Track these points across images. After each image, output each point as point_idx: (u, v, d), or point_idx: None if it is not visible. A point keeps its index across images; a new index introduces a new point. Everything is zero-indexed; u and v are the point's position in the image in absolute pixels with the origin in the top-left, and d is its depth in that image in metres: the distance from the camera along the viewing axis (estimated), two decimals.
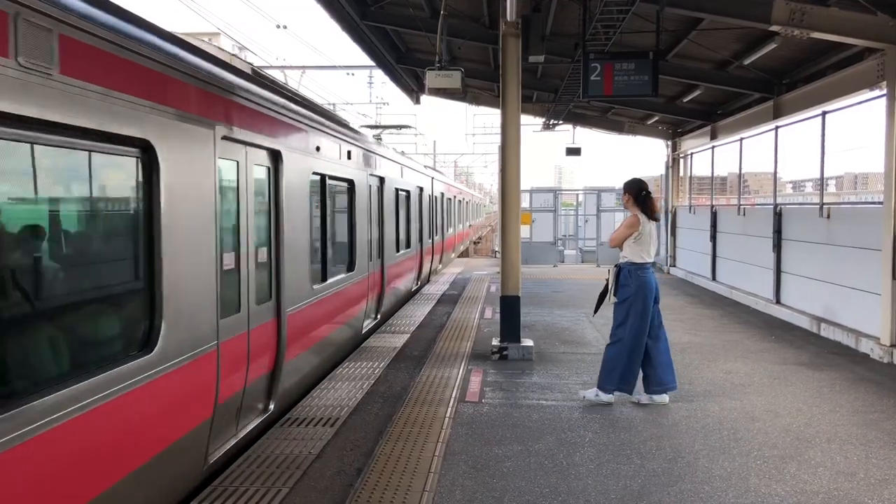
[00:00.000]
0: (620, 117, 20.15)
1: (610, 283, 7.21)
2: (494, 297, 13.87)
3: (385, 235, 11.88)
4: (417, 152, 52.60)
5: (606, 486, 5.04)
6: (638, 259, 7.07)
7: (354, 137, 9.80)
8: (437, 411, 6.75)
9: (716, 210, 16.80)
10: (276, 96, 6.56)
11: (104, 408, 3.72)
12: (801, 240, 11.94)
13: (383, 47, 14.95)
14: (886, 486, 5.04)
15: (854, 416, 6.66)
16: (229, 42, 31.63)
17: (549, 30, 11.89)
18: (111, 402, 3.78)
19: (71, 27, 3.46)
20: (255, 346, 5.93)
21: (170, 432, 4.49)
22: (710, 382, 7.88)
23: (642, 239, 7.04)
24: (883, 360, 8.93)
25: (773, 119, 13.17)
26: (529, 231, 22.80)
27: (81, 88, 3.52)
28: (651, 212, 7.12)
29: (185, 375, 4.64)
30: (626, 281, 7.07)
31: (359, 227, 9.81)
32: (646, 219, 7.09)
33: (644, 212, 7.11)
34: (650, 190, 7.26)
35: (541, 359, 8.98)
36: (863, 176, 66.77)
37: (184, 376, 4.63)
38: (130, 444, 4.04)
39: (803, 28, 8.83)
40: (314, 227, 7.75)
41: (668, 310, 13.17)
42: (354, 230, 9.63)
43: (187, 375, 4.68)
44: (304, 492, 4.91)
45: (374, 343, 9.96)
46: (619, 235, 7.15)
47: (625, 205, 7.50)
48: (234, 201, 5.60)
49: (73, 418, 3.46)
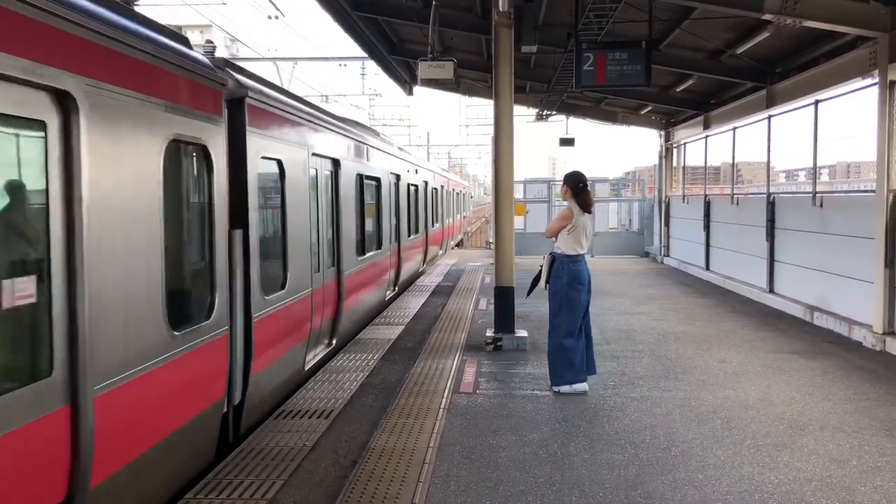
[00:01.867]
0: (614, 107, 20.14)
1: (543, 270, 7.37)
2: (489, 288, 13.88)
3: (400, 221, 14.51)
4: (411, 143, 52.47)
5: (601, 475, 5.05)
6: (571, 251, 7.21)
7: (386, 149, 13.01)
8: (432, 402, 6.75)
9: (709, 199, 16.82)
10: (336, 121, 9.44)
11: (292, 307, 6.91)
12: (794, 229, 11.97)
13: (375, 38, 14.89)
14: (878, 474, 5.06)
15: (847, 404, 6.68)
16: (221, 34, 31.48)
17: (542, 20, 11.86)
18: (282, 310, 6.61)
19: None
20: (327, 295, 8.36)
21: (290, 343, 7.01)
22: (704, 371, 7.91)
23: (576, 231, 7.19)
24: (875, 347, 8.96)
25: (766, 108, 13.18)
26: (523, 222, 22.80)
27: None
28: (586, 204, 7.28)
29: (296, 307, 7.09)
30: (559, 272, 7.23)
31: (384, 214, 12.39)
32: (580, 211, 7.24)
33: (579, 204, 7.26)
34: (587, 182, 7.47)
35: (535, 349, 8.98)
36: (855, 165, 66.97)
37: (295, 308, 7.07)
38: (287, 339, 6.88)
39: (796, 16, 8.82)
40: (358, 214, 10.25)
41: (662, 299, 13.28)
42: (381, 217, 12.19)
43: (297, 308, 7.13)
44: (299, 484, 4.91)
45: (369, 335, 9.96)
46: (554, 227, 7.37)
47: (563, 196, 7.65)
48: (319, 196, 8.21)
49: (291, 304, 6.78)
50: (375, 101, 43.23)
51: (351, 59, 26.28)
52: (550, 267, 7.31)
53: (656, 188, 21.70)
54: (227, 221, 5.48)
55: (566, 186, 7.44)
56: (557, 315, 7.22)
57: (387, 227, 12.65)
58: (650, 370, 7.99)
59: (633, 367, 8.15)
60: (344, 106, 34.38)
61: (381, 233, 12.14)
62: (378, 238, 11.89)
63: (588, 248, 7.37)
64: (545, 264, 7.38)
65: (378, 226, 12.04)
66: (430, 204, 20.18)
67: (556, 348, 7.19)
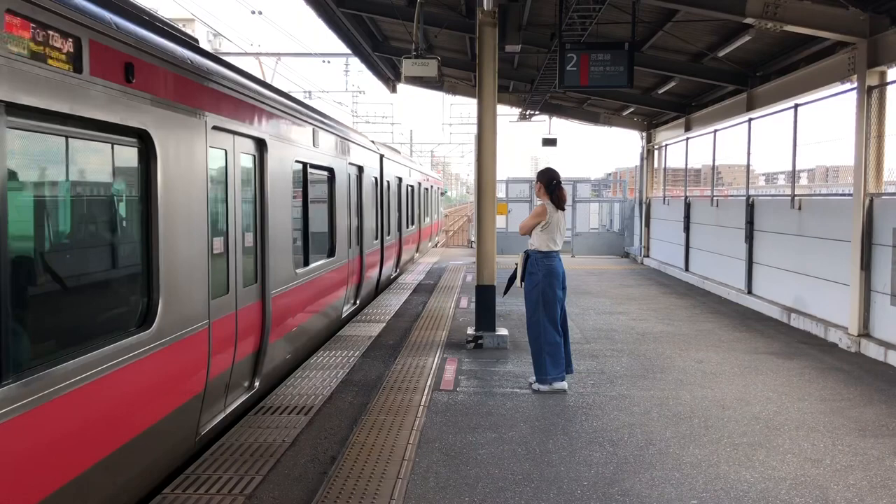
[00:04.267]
0: (596, 108, 20.23)
1: (519, 268, 7.42)
2: (470, 286, 13.91)
3: (401, 214, 16.92)
4: (394, 141, 52.42)
5: (579, 472, 5.09)
6: (545, 247, 7.26)
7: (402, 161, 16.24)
8: (412, 399, 6.76)
9: (689, 201, 16.94)
10: (366, 140, 12.33)
11: (297, 291, 7.83)
12: (772, 231, 12.09)
13: (359, 35, 14.86)
14: (851, 472, 5.14)
15: (822, 405, 6.77)
16: (203, 28, 31.26)
17: (526, 19, 11.90)
18: (301, 287, 7.98)
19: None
20: (351, 269, 10.42)
21: (327, 303, 9.35)
22: (682, 371, 7.97)
23: (549, 228, 7.24)
24: (851, 349, 9.08)
25: (747, 111, 13.30)
26: (505, 221, 22.84)
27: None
28: (559, 201, 7.33)
29: (334, 274, 9.59)
30: (533, 268, 7.28)
31: (391, 209, 15.04)
32: (553, 208, 7.29)
33: (553, 201, 7.32)
34: (560, 180, 7.48)
35: (515, 347, 9.02)
36: (834, 168, 67.61)
37: (334, 274, 9.60)
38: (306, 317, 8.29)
39: (776, 21, 8.92)
40: (373, 208, 12.81)
41: (641, 300, 13.36)
42: (390, 211, 14.96)
43: (337, 273, 9.65)
44: (278, 480, 4.90)
45: (349, 332, 9.95)
46: (528, 224, 7.38)
47: (536, 193, 7.68)
48: (352, 193, 10.94)
49: (304, 283, 8.14)
50: (359, 99, 43.10)
51: (334, 56, 26.25)
52: (525, 264, 7.36)
53: (637, 189, 21.82)
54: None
55: (539, 183, 7.48)
56: (535, 312, 7.26)
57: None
58: (629, 369, 8.05)
59: (613, 366, 8.20)
60: (327, 102, 34.27)
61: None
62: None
63: (562, 244, 7.42)
64: (520, 262, 7.42)
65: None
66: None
67: (537, 344, 7.22)
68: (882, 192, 9.01)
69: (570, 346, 7.39)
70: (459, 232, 43.92)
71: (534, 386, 7.19)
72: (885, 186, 9.18)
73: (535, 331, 7.25)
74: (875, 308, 8.93)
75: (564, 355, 7.24)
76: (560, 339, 7.19)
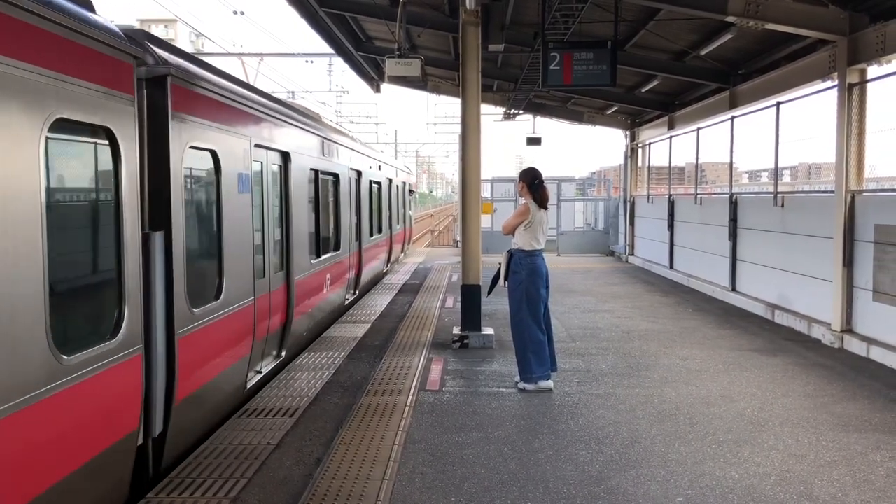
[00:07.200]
0: (580, 107, 20.28)
1: (502, 268, 7.43)
2: (456, 286, 13.90)
3: (400, 210, 19.43)
4: (378, 141, 52.35)
5: (565, 471, 5.09)
6: (528, 246, 7.28)
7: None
8: (398, 400, 6.74)
9: (673, 199, 17.02)
10: (369, 150, 13.97)
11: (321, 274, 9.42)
12: (756, 228, 12.17)
13: (343, 35, 14.82)
14: (835, 468, 5.17)
15: (805, 401, 6.81)
16: (186, 29, 31.08)
17: (509, 19, 11.91)
18: (319, 273, 9.40)
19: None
20: (351, 261, 11.53)
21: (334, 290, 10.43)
22: (666, 369, 8.00)
23: (532, 227, 7.26)
24: (834, 345, 9.15)
25: (729, 109, 13.37)
26: (490, 220, 22.83)
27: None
28: (542, 200, 7.35)
29: (339, 265, 10.82)
30: (517, 267, 7.30)
31: (393, 206, 17.54)
32: (536, 207, 7.31)
33: (535, 200, 7.33)
34: (543, 179, 7.51)
35: (501, 347, 9.02)
36: (816, 166, 68.16)
37: (339, 265, 10.82)
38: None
39: (758, 19, 8.98)
40: (376, 207, 14.80)
41: (626, 297, 13.40)
42: (391, 208, 17.17)
43: (341, 265, 10.95)
44: (263, 482, 4.87)
45: (334, 333, 9.91)
46: (511, 223, 7.40)
47: (519, 192, 7.71)
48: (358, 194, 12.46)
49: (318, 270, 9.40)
50: (343, 99, 43.01)
51: (318, 56, 26.16)
52: (508, 264, 7.37)
53: (622, 188, 21.90)
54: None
55: (522, 183, 7.50)
56: (520, 311, 7.27)
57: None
58: (614, 367, 8.06)
59: (598, 364, 8.22)
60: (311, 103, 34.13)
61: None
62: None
63: (545, 243, 7.44)
64: (503, 261, 7.43)
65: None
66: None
67: (522, 343, 7.22)
68: (863, 189, 9.08)
69: (553, 345, 7.40)
70: (445, 231, 43.90)
71: (519, 385, 7.19)
72: (866, 183, 9.25)
73: (518, 329, 7.26)
74: (857, 304, 9.00)
75: (549, 354, 7.24)
76: (544, 338, 7.20)
